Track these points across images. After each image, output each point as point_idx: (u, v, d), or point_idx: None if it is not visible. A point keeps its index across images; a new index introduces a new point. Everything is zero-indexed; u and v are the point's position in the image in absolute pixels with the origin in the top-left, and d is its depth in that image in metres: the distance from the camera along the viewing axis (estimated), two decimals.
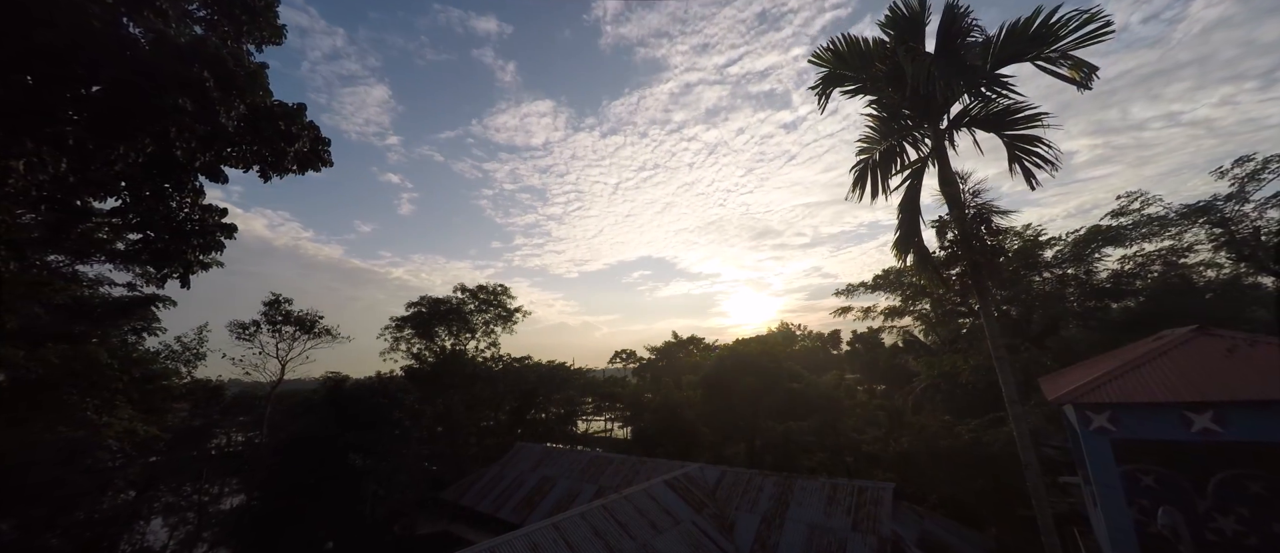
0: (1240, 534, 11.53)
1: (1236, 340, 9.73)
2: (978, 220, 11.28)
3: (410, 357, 33.91)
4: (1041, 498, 9.90)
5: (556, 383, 37.73)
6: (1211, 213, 20.59)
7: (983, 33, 10.97)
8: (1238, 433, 8.26)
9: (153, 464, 22.86)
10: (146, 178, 10.91)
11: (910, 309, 33.01)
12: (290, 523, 20.62)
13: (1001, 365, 10.56)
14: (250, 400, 30.69)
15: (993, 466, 18.12)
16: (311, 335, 30.60)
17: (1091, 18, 9.29)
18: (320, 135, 12.29)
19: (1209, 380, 8.79)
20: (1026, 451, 10.11)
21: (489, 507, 19.82)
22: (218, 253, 13.04)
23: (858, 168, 12.49)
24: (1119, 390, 9.35)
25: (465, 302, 35.21)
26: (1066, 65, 9.73)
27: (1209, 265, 22.28)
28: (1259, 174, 19.52)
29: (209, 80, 9.36)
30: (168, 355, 23.79)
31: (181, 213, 12.04)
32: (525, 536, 10.91)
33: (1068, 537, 13.31)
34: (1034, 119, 10.51)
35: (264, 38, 11.67)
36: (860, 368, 61.12)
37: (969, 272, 11.30)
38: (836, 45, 11.90)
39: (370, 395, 23.94)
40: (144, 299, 19.61)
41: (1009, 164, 10.95)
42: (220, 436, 29.24)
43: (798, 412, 27.34)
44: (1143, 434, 9.28)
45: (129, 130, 9.35)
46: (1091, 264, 24.24)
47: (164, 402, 22.86)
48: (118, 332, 19.98)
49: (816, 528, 13.11)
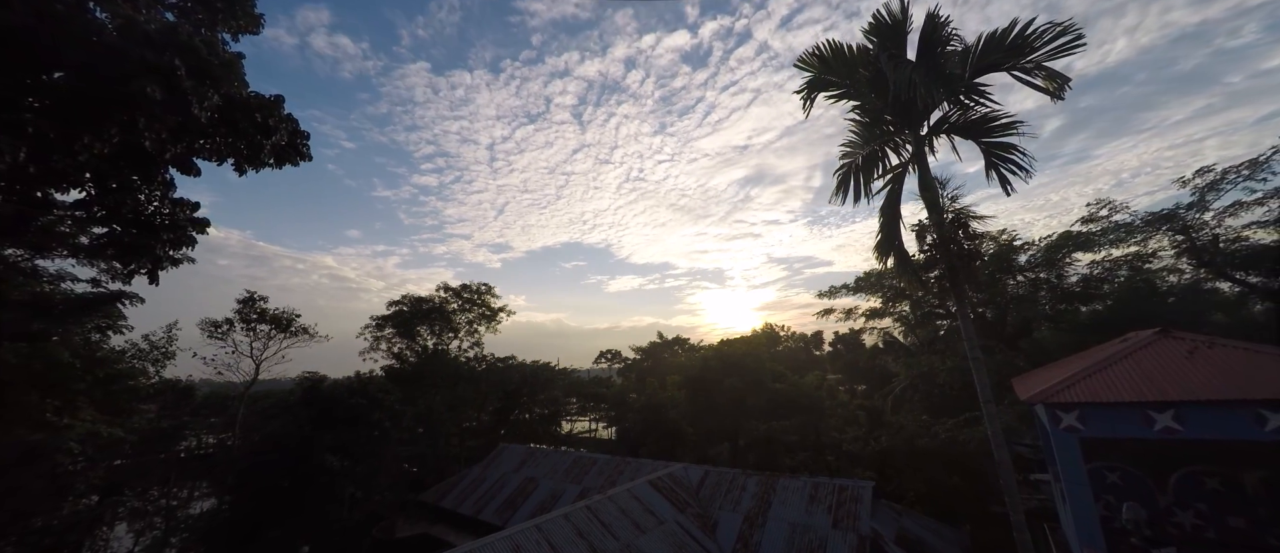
0: (1198, 528, 12.08)
1: (1196, 343, 10.17)
2: (955, 225, 11.57)
3: (391, 356, 33.31)
4: (1014, 495, 10.20)
5: (541, 383, 37.46)
6: (1174, 221, 21.49)
7: (962, 42, 11.27)
8: (1196, 431, 8.63)
9: (117, 468, 21.99)
10: (113, 169, 10.50)
11: (890, 311, 33.71)
12: (264, 527, 20.06)
13: (977, 366, 10.85)
14: (222, 401, 29.75)
15: (968, 464, 18.61)
16: (288, 334, 29.81)
17: (1065, 30, 9.62)
18: (299, 128, 12.00)
19: (1170, 381, 9.16)
20: (1000, 449, 10.40)
21: (471, 509, 19.57)
22: (189, 248, 12.62)
23: (841, 171, 12.70)
24: (1087, 391, 9.68)
25: (448, 301, 34.76)
26: (1041, 76, 10.06)
27: (1172, 271, 23.27)
28: (1218, 184, 20.45)
29: (180, 69, 9.05)
30: (135, 355, 22.93)
31: (150, 206, 11.62)
32: (507, 537, 10.80)
33: (1038, 532, 13.73)
34: (1010, 127, 10.83)
35: (240, 26, 11.35)
36: (842, 368, 62.14)
37: (947, 274, 11.58)
38: (821, 50, 12.08)
39: (348, 396, 23.44)
40: (109, 296, 18.80)
41: (985, 170, 11.26)
42: (190, 438, 28.25)
43: (781, 412, 27.65)
44: (1109, 432, 9.64)
45: (94, 119, 8.99)
46: (1062, 269, 25.09)
47: (130, 403, 22.02)
48: (80, 330, 19.12)
49: (798, 526, 13.27)
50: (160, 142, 9.96)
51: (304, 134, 12.25)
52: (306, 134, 12.32)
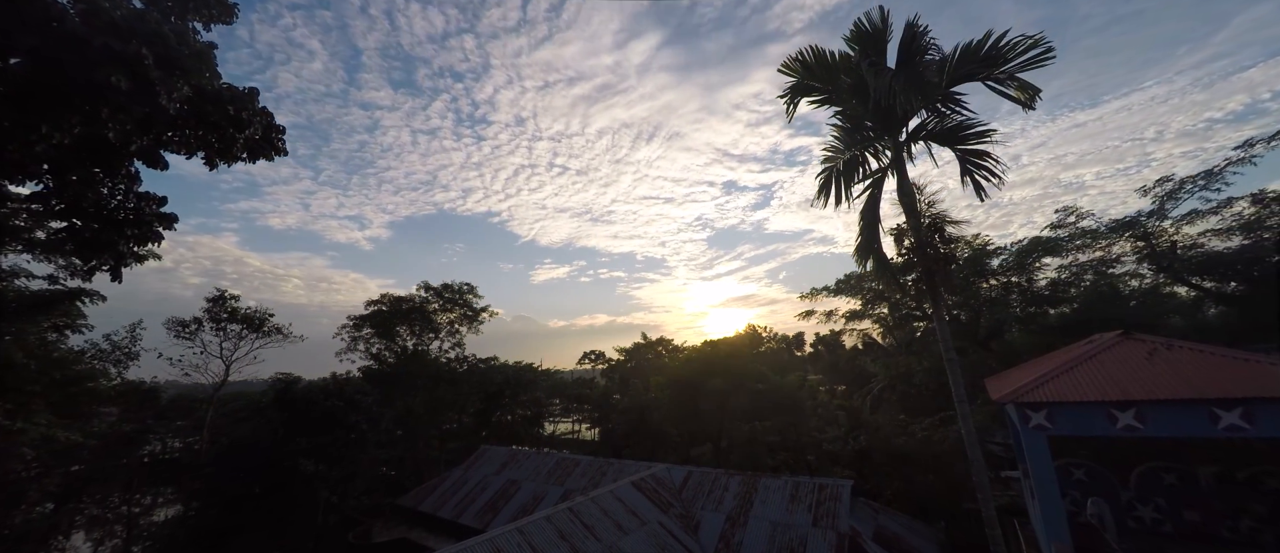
0: (1157, 521, 12.65)
1: (1156, 345, 10.65)
2: (932, 229, 11.87)
3: (369, 357, 32.58)
4: (986, 492, 10.50)
5: (523, 384, 37.10)
6: (1136, 228, 22.46)
7: (939, 52, 11.59)
8: (1156, 429, 9.03)
9: (75, 474, 20.96)
10: (73, 161, 10.02)
11: (869, 313, 34.37)
12: (233, 534, 19.40)
13: (952, 367, 11.14)
14: (189, 403, 28.62)
15: (942, 462, 19.10)
16: (260, 334, 28.91)
17: (1036, 43, 9.98)
18: (274, 122, 11.65)
19: (1132, 381, 9.58)
20: (973, 447, 10.70)
21: (451, 512, 19.24)
22: (155, 244, 12.12)
23: (823, 175, 12.91)
24: (1055, 390, 10.05)
25: (429, 300, 34.15)
26: (1013, 86, 10.41)
27: (1134, 275, 24.32)
28: (1176, 193, 21.47)
29: (148, 58, 8.70)
30: (95, 355, 21.94)
31: (114, 200, 11.12)
32: (488, 541, 10.66)
33: (1009, 528, 14.19)
34: (984, 135, 11.17)
35: (212, 16, 10.95)
36: (822, 369, 63.12)
37: (924, 277, 11.87)
38: (804, 56, 12.27)
39: (324, 398, 22.82)
40: (67, 293, 17.95)
41: (961, 177, 11.59)
42: (155, 442, 27.09)
43: (763, 412, 27.95)
44: (1075, 431, 10.02)
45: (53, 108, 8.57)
46: (1032, 273, 25.97)
47: (89, 405, 21.08)
48: (36, 329, 18.20)
49: (779, 525, 13.43)
50: (125, 133, 9.55)
51: (279, 128, 11.90)
52: (282, 128, 11.97)
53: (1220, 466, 12.21)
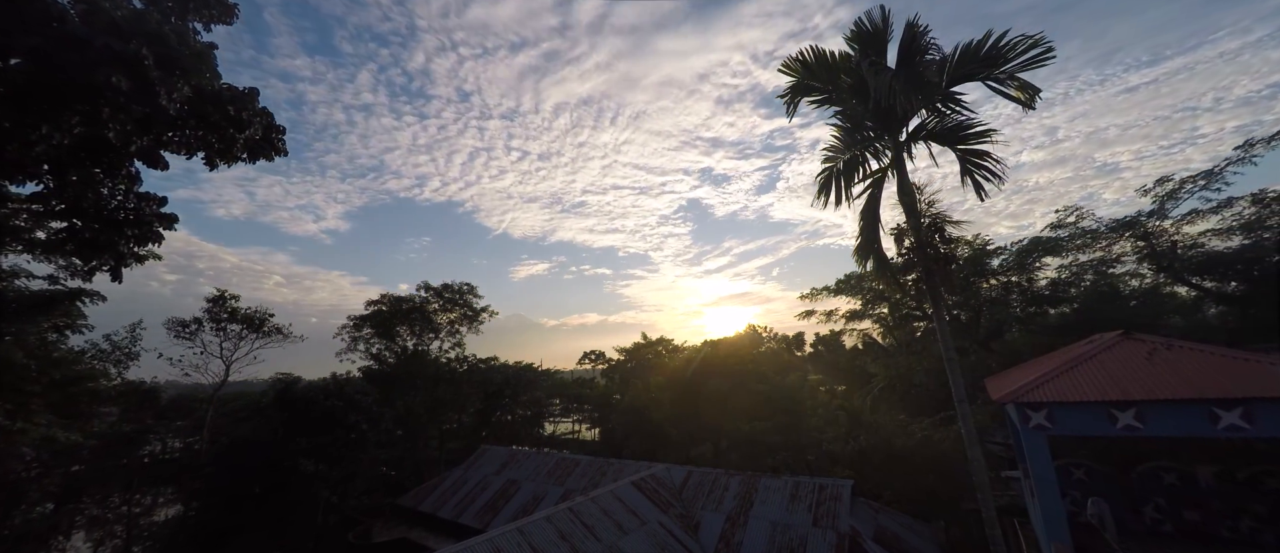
0: (1156, 521, 12.64)
1: (1156, 345, 10.64)
2: (932, 229, 11.87)
3: (369, 357, 32.57)
4: (986, 492, 10.50)
5: (523, 384, 37.10)
6: (1136, 227, 22.45)
7: (939, 52, 11.58)
8: (1155, 429, 9.02)
9: (75, 474, 20.98)
10: (74, 161, 10.03)
11: (870, 313, 34.35)
12: (233, 534, 19.41)
13: (952, 367, 11.14)
14: (189, 404, 28.63)
15: (942, 462, 19.09)
16: (260, 335, 28.91)
17: (1036, 42, 9.98)
18: (274, 122, 11.65)
19: (1132, 381, 9.57)
20: (973, 447, 10.71)
21: (451, 512, 19.24)
22: (155, 244, 12.12)
23: (823, 175, 12.91)
24: (1055, 390, 10.04)
25: (429, 300, 34.15)
26: (1013, 86, 10.41)
27: (1134, 275, 24.30)
28: (1176, 193, 21.46)
29: (148, 58, 8.70)
30: (95, 355, 21.93)
31: (114, 200, 11.13)
32: (488, 541, 10.66)
33: (1009, 528, 14.18)
34: (984, 135, 11.17)
35: (213, 16, 10.96)
36: (823, 369, 63.05)
37: (923, 277, 11.87)
38: (805, 56, 12.27)
39: (324, 398, 22.82)
40: (67, 294, 17.94)
41: (961, 176, 11.59)
42: (155, 442, 27.11)
43: (763, 412, 27.93)
44: (1075, 431, 10.02)
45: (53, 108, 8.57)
46: (1033, 272, 25.95)
47: (89, 405, 21.05)
48: (36, 329, 18.18)
49: (779, 525, 13.43)
50: (125, 133, 9.55)
51: (280, 128, 11.90)
52: (282, 128, 11.97)
53: (1220, 466, 12.20)
